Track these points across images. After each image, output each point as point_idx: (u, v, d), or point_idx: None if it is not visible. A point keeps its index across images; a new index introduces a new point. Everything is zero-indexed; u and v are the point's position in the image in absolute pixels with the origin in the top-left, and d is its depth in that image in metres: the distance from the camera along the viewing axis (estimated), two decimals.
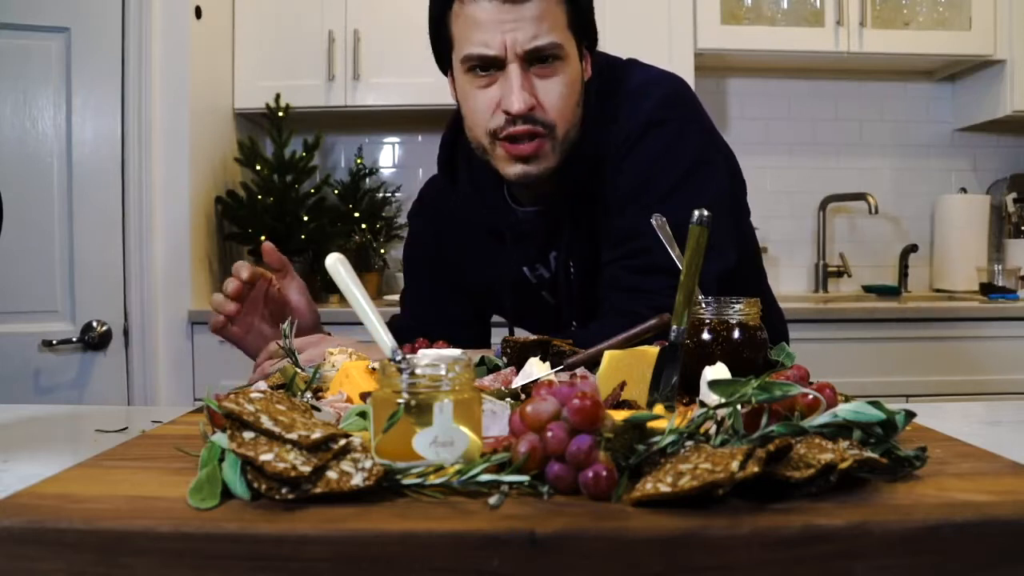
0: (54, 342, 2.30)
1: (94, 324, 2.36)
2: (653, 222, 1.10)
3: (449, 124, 1.34)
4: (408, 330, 1.28)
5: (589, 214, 1.24)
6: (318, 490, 0.56)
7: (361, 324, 0.75)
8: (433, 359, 0.67)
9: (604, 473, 0.57)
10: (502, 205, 1.31)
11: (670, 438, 0.62)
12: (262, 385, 0.87)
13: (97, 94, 2.36)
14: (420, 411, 0.62)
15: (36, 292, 2.31)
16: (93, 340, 2.35)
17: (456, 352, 0.92)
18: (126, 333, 2.41)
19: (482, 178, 1.30)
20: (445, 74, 1.27)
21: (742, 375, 0.72)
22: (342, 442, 0.61)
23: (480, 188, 1.31)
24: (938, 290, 3.13)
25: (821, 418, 0.65)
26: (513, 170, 1.19)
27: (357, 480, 0.57)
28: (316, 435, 0.60)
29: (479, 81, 1.17)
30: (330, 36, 2.74)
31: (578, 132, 1.21)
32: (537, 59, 1.15)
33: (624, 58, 1.31)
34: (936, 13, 2.88)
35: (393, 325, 1.37)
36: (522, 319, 1.43)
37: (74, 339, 2.33)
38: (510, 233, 1.31)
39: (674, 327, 0.86)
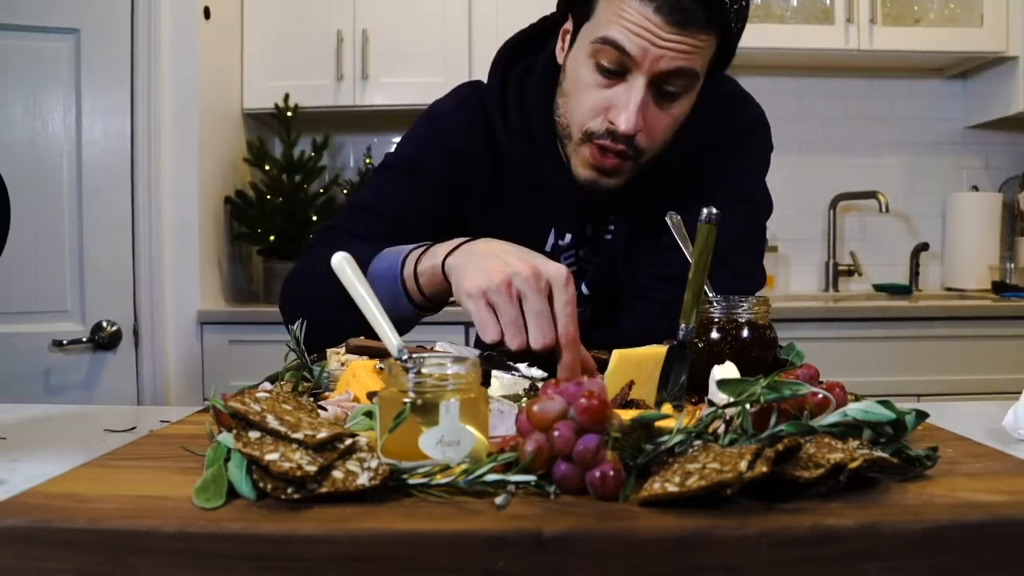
0: (64, 342, 2.31)
1: (104, 324, 2.37)
2: (668, 220, 1.08)
3: (504, 59, 1.25)
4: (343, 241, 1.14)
5: (651, 201, 1.20)
6: (324, 490, 0.56)
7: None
8: (439, 358, 0.67)
9: (611, 473, 0.57)
10: (555, 162, 1.21)
11: (678, 438, 0.61)
12: (267, 385, 0.87)
13: (106, 95, 2.37)
14: (426, 410, 0.61)
15: (46, 292, 2.32)
16: (103, 340, 2.36)
17: (463, 350, 0.92)
18: (135, 333, 2.42)
19: (537, 129, 1.21)
20: (563, 18, 1.17)
21: (751, 374, 0.71)
22: (348, 442, 0.61)
23: (533, 138, 1.22)
24: (950, 289, 3.11)
25: (831, 417, 0.65)
26: (586, 174, 1.14)
27: (363, 480, 0.57)
28: (322, 435, 0.60)
29: (600, 79, 1.09)
30: (339, 36, 2.75)
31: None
32: (665, 85, 1.08)
33: None
34: (947, 10, 2.86)
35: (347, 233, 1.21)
36: None
37: (84, 339, 2.34)
38: (560, 188, 1.21)
39: (683, 325, 0.86)
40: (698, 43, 1.04)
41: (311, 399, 0.82)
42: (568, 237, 1.26)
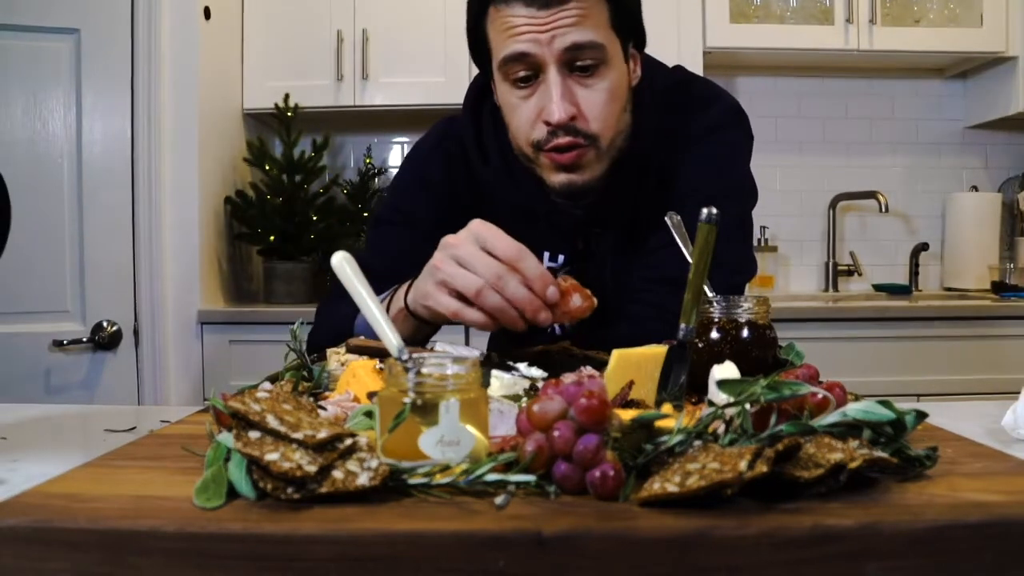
0: (64, 342, 2.30)
1: (104, 324, 2.37)
2: (668, 220, 1.09)
3: (474, 94, 1.28)
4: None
5: (632, 206, 1.21)
6: (324, 490, 0.56)
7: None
8: (439, 358, 0.67)
9: (611, 473, 0.57)
10: (534, 187, 1.24)
11: (678, 437, 0.61)
12: (267, 385, 0.87)
13: (107, 95, 2.37)
14: (426, 410, 0.61)
15: (46, 292, 2.32)
16: (103, 340, 2.36)
17: (463, 350, 0.92)
18: (136, 333, 2.42)
19: (512, 158, 1.24)
20: (489, 79, 1.23)
21: (751, 374, 0.71)
22: (348, 442, 0.61)
23: (510, 166, 1.24)
24: (949, 289, 3.11)
25: (830, 417, 0.65)
26: (558, 179, 1.15)
27: (363, 480, 0.57)
28: (322, 435, 0.60)
29: (519, 92, 1.13)
30: (339, 36, 2.75)
31: (627, 138, 1.18)
32: (578, 64, 1.10)
33: (670, 66, 1.31)
34: (947, 10, 2.86)
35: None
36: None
37: (84, 339, 2.34)
38: (545, 214, 1.24)
39: (683, 325, 0.86)
40: (578, 11, 1.08)
41: (311, 399, 0.82)
42: (561, 258, 1.27)
